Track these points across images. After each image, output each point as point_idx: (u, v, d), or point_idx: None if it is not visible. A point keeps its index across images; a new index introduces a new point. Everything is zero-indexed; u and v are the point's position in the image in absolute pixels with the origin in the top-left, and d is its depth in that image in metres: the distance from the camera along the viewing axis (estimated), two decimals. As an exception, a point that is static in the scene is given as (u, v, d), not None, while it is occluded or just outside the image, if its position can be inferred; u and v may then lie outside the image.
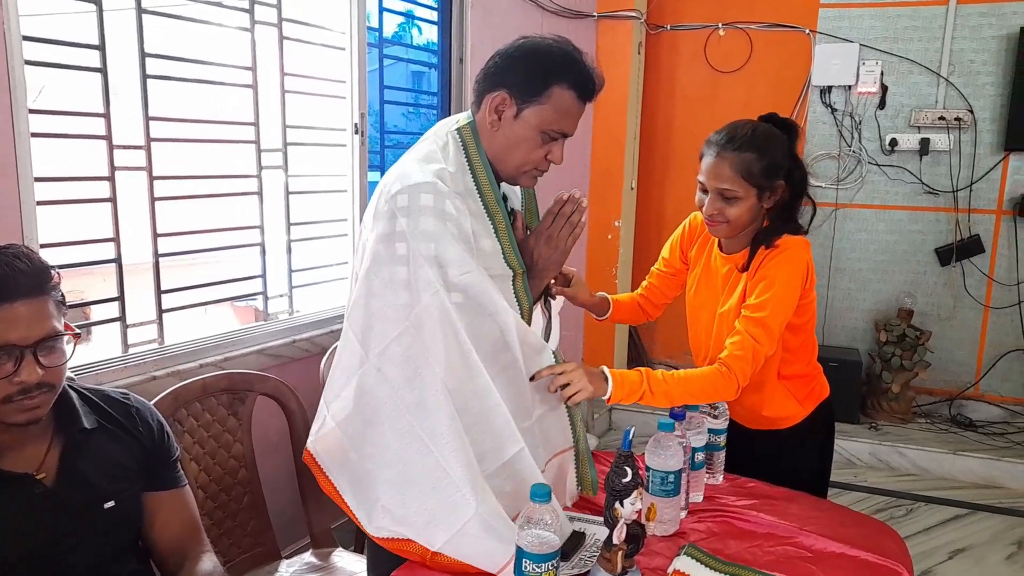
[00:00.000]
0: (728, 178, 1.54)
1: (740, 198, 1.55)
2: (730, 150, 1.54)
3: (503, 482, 1.25)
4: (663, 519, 1.33)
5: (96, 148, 1.78)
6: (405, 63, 3.12)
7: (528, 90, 1.28)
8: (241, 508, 1.78)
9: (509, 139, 1.31)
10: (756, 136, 1.55)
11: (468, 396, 1.22)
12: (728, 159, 1.54)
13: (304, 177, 2.34)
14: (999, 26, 3.56)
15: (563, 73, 1.29)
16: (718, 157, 1.55)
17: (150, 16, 1.84)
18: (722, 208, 1.56)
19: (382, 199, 1.25)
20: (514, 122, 1.30)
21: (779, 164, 1.56)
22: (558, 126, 1.31)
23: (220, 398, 1.77)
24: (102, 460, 1.24)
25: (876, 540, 1.34)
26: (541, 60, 1.29)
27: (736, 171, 1.53)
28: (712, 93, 4.06)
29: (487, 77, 1.33)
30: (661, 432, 1.34)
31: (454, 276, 1.21)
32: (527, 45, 1.32)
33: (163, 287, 1.96)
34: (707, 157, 1.58)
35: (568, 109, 1.31)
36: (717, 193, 1.56)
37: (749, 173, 1.53)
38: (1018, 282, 3.69)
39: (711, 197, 1.57)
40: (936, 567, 2.69)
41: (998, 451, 3.45)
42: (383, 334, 1.22)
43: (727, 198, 1.55)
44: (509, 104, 1.30)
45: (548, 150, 1.34)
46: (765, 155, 1.54)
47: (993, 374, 3.79)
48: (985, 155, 3.67)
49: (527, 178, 1.38)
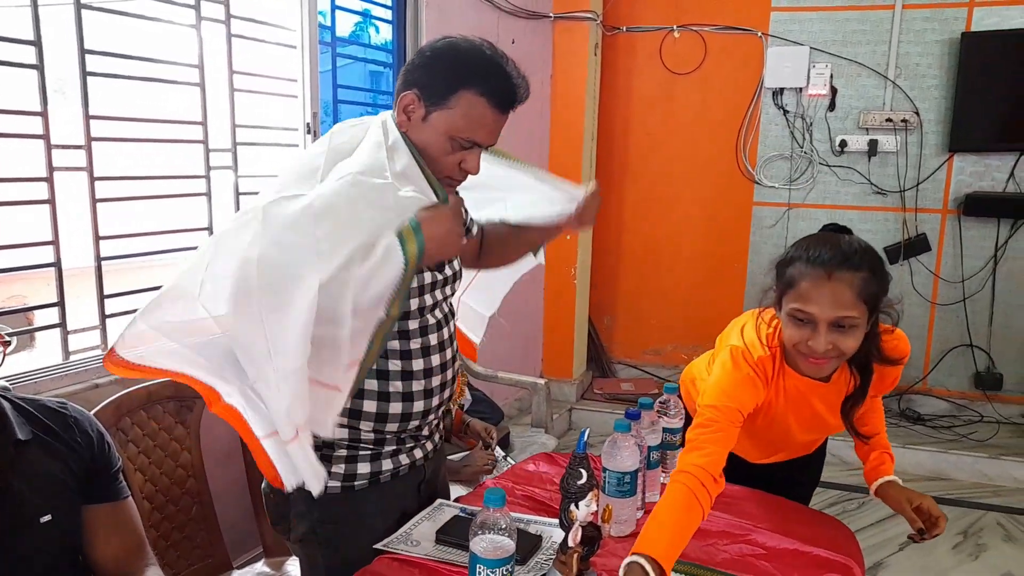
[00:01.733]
0: (850, 305, 1.28)
1: (858, 327, 1.30)
2: (847, 270, 1.28)
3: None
4: (619, 519, 1.32)
5: (33, 148, 1.71)
6: (363, 63, 3.08)
7: (436, 92, 1.23)
8: (190, 519, 1.73)
9: (419, 141, 1.26)
10: (864, 248, 1.33)
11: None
12: (845, 280, 1.28)
13: (255, 177, 2.29)
14: (942, 30, 3.66)
15: (475, 79, 1.23)
16: (834, 281, 1.28)
17: (90, 11, 1.78)
18: (836, 341, 1.30)
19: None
20: (422, 125, 1.26)
21: (888, 280, 1.35)
22: (467, 134, 1.24)
23: (166, 406, 1.72)
24: (37, 473, 1.19)
25: (829, 536, 1.36)
26: (454, 63, 1.24)
27: (856, 294, 1.28)
28: (668, 94, 4.10)
29: (404, 75, 1.28)
30: (617, 433, 1.34)
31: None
32: (443, 46, 1.27)
33: (107, 291, 1.89)
34: (817, 282, 1.29)
35: (479, 118, 1.24)
36: (832, 323, 1.29)
37: (869, 295, 1.29)
38: (963, 279, 3.80)
39: (823, 330, 1.29)
40: (887, 559, 2.75)
41: (945, 444, 3.55)
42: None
43: (844, 326, 1.29)
44: (417, 105, 1.25)
45: (461, 158, 1.27)
46: (878, 271, 1.32)
47: (940, 369, 3.90)
48: (931, 156, 3.77)
49: (444, 183, 1.30)
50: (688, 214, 4.18)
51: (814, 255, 1.31)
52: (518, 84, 1.26)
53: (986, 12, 3.59)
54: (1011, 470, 3.39)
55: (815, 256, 1.31)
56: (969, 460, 3.45)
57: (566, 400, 4.04)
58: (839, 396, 1.44)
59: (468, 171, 1.29)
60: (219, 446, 1.93)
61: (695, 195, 4.13)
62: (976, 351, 3.82)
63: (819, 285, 1.29)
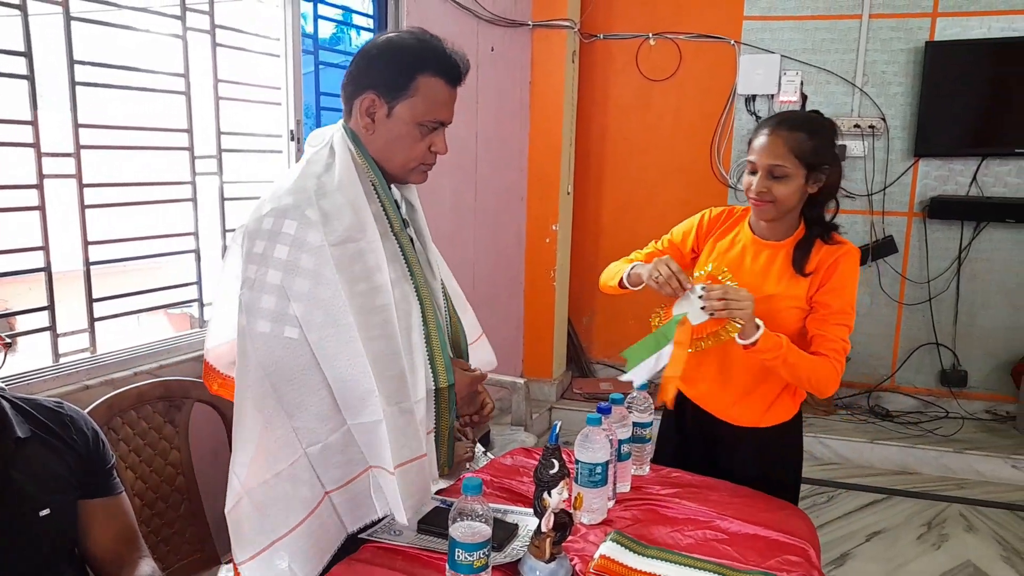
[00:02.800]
0: (780, 155, 1.58)
1: (789, 176, 1.59)
2: (784, 129, 1.59)
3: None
4: (591, 508, 1.40)
5: (23, 156, 1.76)
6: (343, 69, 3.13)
7: (395, 86, 1.30)
8: (179, 515, 1.79)
9: (387, 139, 1.32)
10: (810, 118, 1.63)
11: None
12: (782, 136, 1.59)
13: (240, 184, 2.34)
14: (907, 39, 3.79)
15: (426, 62, 1.30)
16: (772, 135, 1.60)
17: (79, 23, 1.83)
18: (771, 186, 1.60)
19: (255, 216, 1.27)
20: (388, 121, 1.31)
21: (828, 148, 1.61)
22: (432, 116, 1.32)
23: (156, 406, 1.77)
24: (36, 469, 1.24)
25: (787, 522, 1.45)
26: (402, 54, 1.31)
27: (789, 148, 1.58)
28: (644, 101, 4.20)
29: (352, 81, 1.34)
30: (589, 427, 1.42)
31: (296, 310, 1.22)
32: (385, 42, 1.33)
33: (95, 295, 1.94)
34: (760, 137, 1.62)
35: (438, 97, 1.32)
36: (767, 170, 1.60)
37: (801, 151, 1.57)
38: (928, 280, 3.93)
39: (760, 175, 1.61)
40: (854, 549, 2.85)
41: (912, 439, 3.67)
42: (240, 349, 1.26)
43: (777, 176, 1.59)
44: (379, 104, 1.31)
45: (430, 142, 1.35)
46: (816, 136, 1.59)
47: (907, 367, 4.03)
48: (897, 160, 3.90)
49: (416, 174, 1.39)
50: (664, 217, 4.19)
51: (767, 119, 1.66)
52: (461, 59, 1.36)
53: (949, 22, 3.73)
54: (974, 464, 3.52)
55: (766, 119, 1.66)
56: (934, 455, 3.57)
57: (546, 399, 4.12)
58: (800, 286, 1.65)
59: (438, 151, 1.37)
60: (207, 444, 1.99)
61: (671, 198, 4.22)
62: (942, 349, 3.95)
63: (761, 139, 1.62)
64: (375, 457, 1.28)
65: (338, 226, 1.25)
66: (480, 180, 3.57)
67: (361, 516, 1.33)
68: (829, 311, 1.62)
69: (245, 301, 1.24)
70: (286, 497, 1.24)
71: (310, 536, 1.25)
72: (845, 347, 1.61)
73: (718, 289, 1.54)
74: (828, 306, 1.62)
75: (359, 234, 1.27)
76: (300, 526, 1.24)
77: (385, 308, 1.28)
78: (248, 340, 1.24)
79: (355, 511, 1.33)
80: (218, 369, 1.49)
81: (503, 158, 3.79)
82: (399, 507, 1.27)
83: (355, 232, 1.26)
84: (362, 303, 1.25)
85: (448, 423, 1.41)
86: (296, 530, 1.24)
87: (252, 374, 1.23)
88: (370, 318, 1.25)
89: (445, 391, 1.38)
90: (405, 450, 1.27)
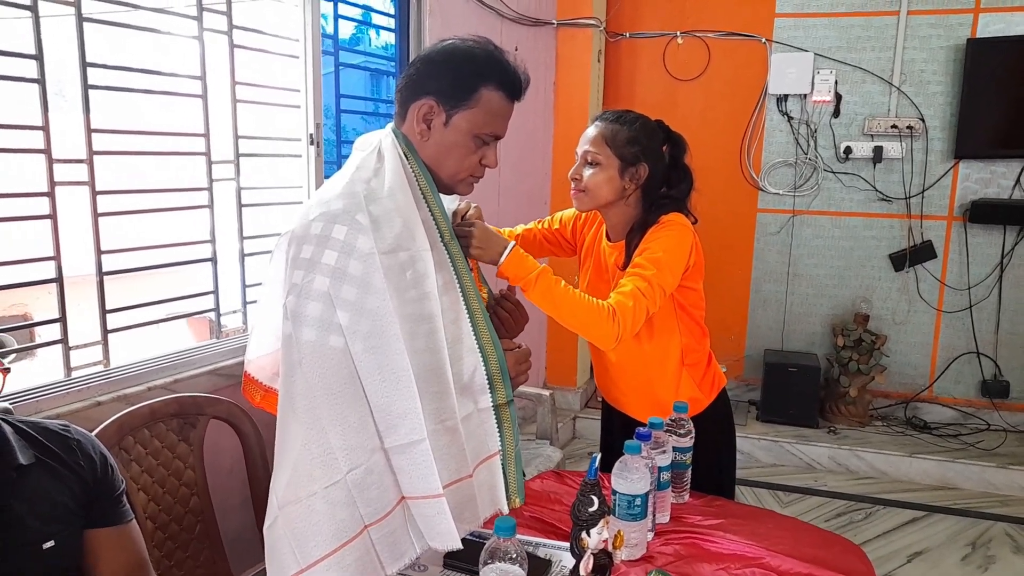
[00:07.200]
0: (596, 143, 1.67)
1: (601, 164, 1.66)
2: (604, 121, 1.69)
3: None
4: (630, 543, 1.30)
5: (34, 162, 1.70)
6: (364, 70, 3.06)
7: (456, 95, 1.26)
8: (193, 537, 1.71)
9: (440, 147, 1.28)
10: (634, 117, 1.71)
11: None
12: (599, 127, 1.68)
13: (257, 189, 2.27)
14: (947, 36, 3.65)
15: (490, 74, 1.27)
16: (593, 125, 1.70)
17: (91, 24, 1.76)
18: (583, 173, 1.68)
19: (302, 220, 1.21)
20: (444, 129, 1.27)
21: (642, 143, 1.67)
22: (490, 129, 1.29)
23: (169, 423, 1.69)
24: (40, 498, 1.17)
25: (843, 559, 1.34)
26: (467, 63, 1.27)
27: (603, 137, 1.66)
28: (671, 101, 4.08)
29: (410, 85, 1.29)
30: (628, 455, 1.32)
31: (341, 319, 1.15)
32: (450, 48, 1.29)
33: (109, 306, 1.87)
34: (587, 129, 1.71)
35: (498, 111, 1.29)
36: (583, 157, 1.69)
37: (615, 142, 1.65)
38: (969, 286, 3.78)
39: (578, 163, 1.70)
40: (896, 571, 2.72)
41: (952, 453, 3.52)
42: (284, 359, 1.19)
43: (589, 162, 1.67)
44: (437, 111, 1.27)
45: (482, 155, 1.32)
46: (632, 130, 1.67)
47: (946, 377, 3.88)
48: (936, 162, 3.75)
49: (464, 185, 1.35)
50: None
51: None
52: (523, 73, 1.32)
53: (992, 18, 3.58)
54: (1019, 479, 3.37)
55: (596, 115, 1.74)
56: (976, 469, 3.42)
57: (570, 408, 4.02)
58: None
59: (488, 165, 1.34)
60: (223, 462, 1.92)
61: (699, 201, 4.08)
62: (983, 359, 3.80)
63: (586, 130, 1.72)
64: (411, 485, 1.19)
65: (388, 233, 1.19)
66: (503, 186, 3.48)
67: (400, 555, 1.22)
68: (633, 266, 1.60)
69: (291, 308, 1.17)
70: (320, 520, 1.14)
71: (344, 570, 1.15)
72: (641, 299, 1.52)
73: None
74: (632, 264, 1.62)
75: (409, 242, 1.21)
76: (334, 554, 1.14)
77: (432, 317, 1.21)
78: (294, 349, 1.16)
79: (394, 549, 1.22)
80: (260, 381, 1.42)
81: (526, 161, 3.69)
82: (452, 532, 1.17)
83: (405, 240, 1.21)
84: (411, 311, 1.18)
85: (514, 445, 1.30)
86: (330, 558, 1.14)
87: (298, 386, 1.15)
88: (417, 327, 1.19)
89: (505, 407, 1.28)
90: (450, 471, 1.19)
